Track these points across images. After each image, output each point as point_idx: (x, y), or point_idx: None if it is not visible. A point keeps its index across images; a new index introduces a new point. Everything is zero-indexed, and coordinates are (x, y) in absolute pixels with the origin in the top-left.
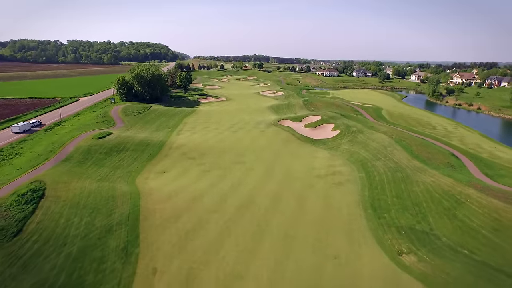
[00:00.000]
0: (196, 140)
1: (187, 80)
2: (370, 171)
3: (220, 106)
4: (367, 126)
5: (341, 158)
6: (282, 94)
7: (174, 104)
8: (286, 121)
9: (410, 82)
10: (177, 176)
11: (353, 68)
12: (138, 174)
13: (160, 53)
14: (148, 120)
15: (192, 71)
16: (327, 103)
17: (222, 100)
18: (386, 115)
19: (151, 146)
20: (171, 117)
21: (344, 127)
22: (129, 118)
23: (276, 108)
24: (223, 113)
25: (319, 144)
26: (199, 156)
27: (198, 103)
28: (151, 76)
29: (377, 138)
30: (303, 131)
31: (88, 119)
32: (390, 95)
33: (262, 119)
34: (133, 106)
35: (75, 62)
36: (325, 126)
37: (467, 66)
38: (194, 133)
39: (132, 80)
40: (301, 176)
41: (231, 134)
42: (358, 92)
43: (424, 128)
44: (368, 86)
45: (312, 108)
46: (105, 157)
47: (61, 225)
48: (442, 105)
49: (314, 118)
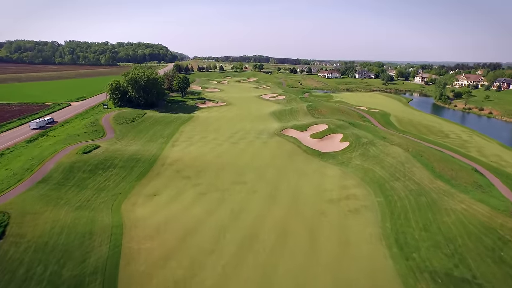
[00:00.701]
0: (192, 154)
1: (185, 83)
2: (389, 194)
3: (219, 112)
4: (378, 137)
5: (354, 177)
6: (284, 97)
7: (171, 109)
8: (290, 130)
9: (414, 84)
10: (169, 200)
11: (355, 70)
12: (124, 198)
13: (158, 54)
14: (142, 129)
15: (191, 72)
16: (332, 108)
17: (221, 105)
18: (395, 121)
19: (142, 162)
20: (167, 125)
21: (354, 138)
22: (121, 127)
23: (279, 114)
24: (222, 120)
25: (327, 158)
26: (195, 175)
27: (196, 108)
28: (146, 80)
29: (392, 152)
30: (309, 142)
31: (77, 128)
32: (396, 98)
33: (264, 128)
34: (126, 113)
35: (72, 63)
36: (332, 136)
37: (470, 67)
38: (190, 144)
39: (126, 85)
40: (310, 200)
41: (231, 146)
42: (362, 95)
43: (436, 137)
44: (372, 88)
45: (317, 114)
46: (89, 176)
47: (18, 278)
48: (450, 109)
49: (320, 127)
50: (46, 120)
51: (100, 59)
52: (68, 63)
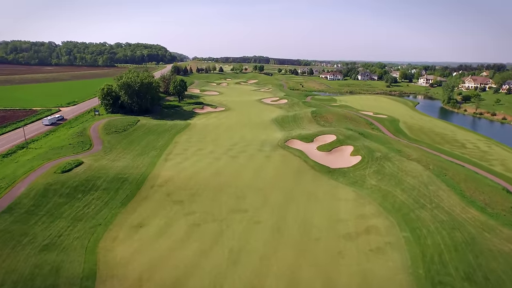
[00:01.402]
0: (187, 171)
1: (182, 87)
2: (417, 227)
3: (218, 119)
4: (393, 150)
5: (371, 202)
6: (286, 101)
7: (167, 115)
8: (295, 141)
9: (418, 86)
10: (157, 233)
11: (357, 71)
12: (104, 230)
13: (157, 55)
14: (133, 139)
15: (189, 74)
16: (338, 115)
17: (220, 110)
18: (405, 128)
19: (128, 182)
20: (161, 134)
21: (366, 152)
22: (110, 137)
23: (281, 122)
24: (221, 128)
25: (338, 175)
26: (188, 199)
27: (193, 114)
28: (140, 84)
29: (411, 170)
30: (317, 155)
31: (62, 139)
32: (402, 102)
33: (266, 138)
34: (117, 121)
35: (69, 64)
36: (342, 149)
37: (473, 68)
38: (185, 158)
39: (118, 90)
40: (323, 235)
41: (230, 161)
42: (366, 98)
43: (452, 147)
44: (376, 90)
45: (322, 121)
46: (66, 202)
47: None
48: (459, 114)
49: (327, 138)
50: (57, 117)
51: (97, 60)
52: (64, 64)
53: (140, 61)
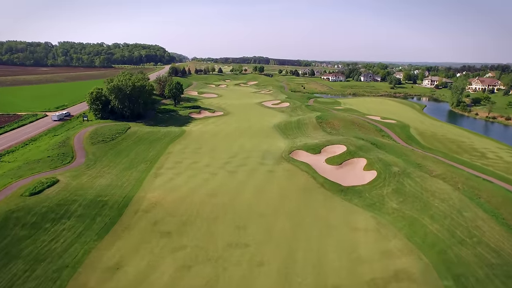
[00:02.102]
0: (178, 191)
1: (178, 90)
2: (461, 274)
3: (215, 125)
4: (412, 164)
5: (396, 233)
6: (288, 105)
7: (161, 121)
8: (301, 152)
9: (423, 87)
10: (136, 279)
11: (359, 72)
12: (71, 275)
13: (155, 55)
14: (121, 149)
15: (188, 75)
16: (345, 121)
17: (218, 115)
18: (417, 135)
19: (109, 207)
20: (152, 144)
21: (381, 166)
22: (95, 148)
23: (284, 128)
24: (219, 136)
25: (352, 195)
26: (178, 229)
27: (189, 119)
28: (132, 88)
29: (437, 191)
30: (326, 170)
31: (41, 151)
32: (408, 105)
33: (268, 148)
34: (106, 129)
35: (65, 65)
36: (353, 162)
37: (477, 68)
38: (177, 173)
39: (108, 94)
40: (344, 283)
41: (228, 177)
42: (371, 101)
43: (471, 157)
44: (379, 92)
45: (328, 128)
46: (29, 235)
47: None
48: (470, 118)
49: (337, 149)
50: (64, 113)
51: (94, 61)
52: (60, 65)
53: (138, 62)
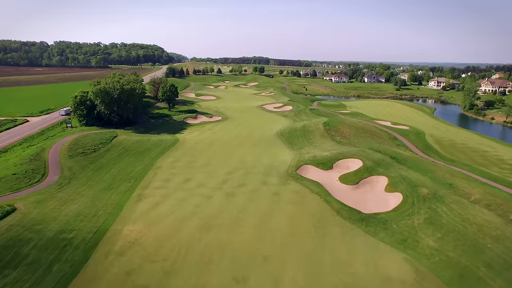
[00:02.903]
0: (164, 222)
1: (172, 93)
2: None
3: (213, 132)
4: (442, 184)
5: None
6: (291, 108)
7: (152, 128)
8: (310, 168)
9: (430, 89)
10: None
11: (362, 73)
12: None
13: (153, 56)
14: (103, 164)
15: (185, 76)
16: (355, 128)
17: (216, 120)
18: (434, 143)
19: (72, 248)
20: (140, 156)
21: (406, 187)
22: (73, 162)
23: (288, 136)
24: (215, 146)
25: (376, 226)
26: (158, 283)
27: (184, 125)
28: (120, 91)
29: (484, 224)
30: (341, 191)
31: (8, 165)
32: (418, 108)
33: (271, 161)
34: (88, 138)
35: (60, 65)
36: (372, 180)
37: (482, 69)
38: (165, 196)
39: (93, 97)
40: None
41: (225, 203)
42: (378, 104)
43: (502, 170)
44: (385, 94)
45: (338, 137)
46: None
47: None
48: (485, 122)
49: (351, 164)
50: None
51: (90, 61)
52: (56, 65)
53: (135, 62)
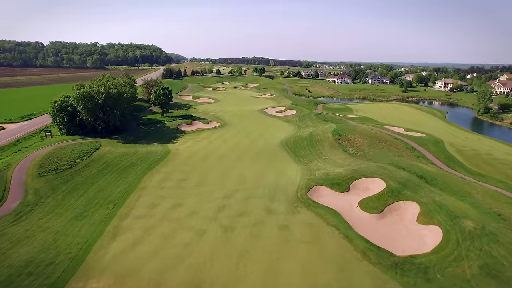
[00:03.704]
0: (140, 274)
1: (166, 97)
2: None
3: (209, 141)
4: (488, 214)
5: None
6: (294, 113)
7: (143, 137)
8: (322, 189)
9: (437, 91)
10: None
11: (366, 74)
12: None
13: (151, 56)
14: (79, 183)
15: (183, 77)
16: (368, 136)
17: (213, 127)
18: (456, 154)
19: None
20: (124, 173)
21: (444, 218)
22: (42, 181)
23: (294, 146)
24: (212, 158)
25: (415, 276)
26: None
27: (178, 133)
28: (105, 96)
29: None
30: (363, 222)
31: None
32: (428, 111)
33: (277, 179)
34: (66, 150)
35: (55, 65)
36: (400, 207)
37: (487, 70)
38: (147, 230)
39: (75, 103)
40: None
41: (221, 241)
42: (385, 107)
43: None
44: (391, 96)
45: (350, 147)
46: None
47: None
48: (504, 127)
49: (371, 184)
50: None
51: (86, 62)
52: (50, 65)
53: (133, 63)
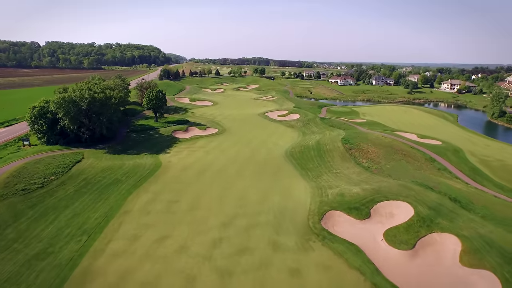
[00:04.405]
0: None
1: (160, 100)
2: None
3: (205, 151)
4: None
5: None
6: (298, 117)
7: (132, 146)
8: (338, 215)
9: (443, 92)
10: None
11: (369, 75)
12: None
13: (149, 56)
14: (50, 207)
15: (181, 78)
16: (383, 146)
17: (210, 134)
18: (480, 164)
19: None
20: (105, 192)
21: (498, 261)
22: (4, 206)
23: (300, 157)
24: (208, 175)
25: None
26: None
27: (171, 142)
28: (89, 101)
29: None
30: (392, 263)
31: None
32: (438, 115)
33: (283, 202)
34: (41, 165)
35: (50, 66)
36: (435, 242)
37: (491, 70)
38: (123, 276)
39: (55, 109)
40: None
41: None
42: (392, 110)
43: None
44: (397, 98)
45: (364, 159)
46: None
47: None
48: None
49: (395, 209)
50: None
51: (83, 62)
52: (45, 66)
53: (130, 63)
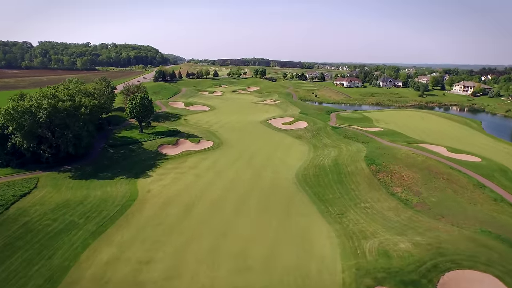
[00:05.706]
0: None
1: (145, 108)
2: None
3: (196, 174)
4: None
5: None
6: (305, 125)
7: (107, 166)
8: None
9: (456, 95)
10: None
11: (376, 76)
12: None
13: (146, 57)
14: None
15: (177, 80)
16: (418, 168)
17: (204, 149)
18: None
19: None
20: (51, 245)
21: None
22: None
23: (316, 183)
24: (196, 213)
25: None
26: None
27: (156, 160)
28: (50, 112)
29: None
30: None
31: None
32: (460, 121)
33: (301, 263)
34: None
35: (42, 67)
36: None
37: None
38: None
39: (3, 122)
40: None
41: None
42: (408, 115)
43: None
44: (408, 102)
45: (397, 187)
46: None
47: None
48: None
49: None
50: None
51: (76, 63)
52: (37, 67)
53: (126, 64)
